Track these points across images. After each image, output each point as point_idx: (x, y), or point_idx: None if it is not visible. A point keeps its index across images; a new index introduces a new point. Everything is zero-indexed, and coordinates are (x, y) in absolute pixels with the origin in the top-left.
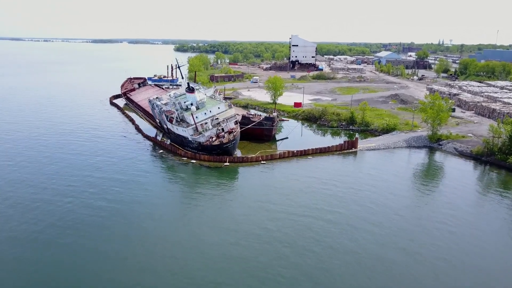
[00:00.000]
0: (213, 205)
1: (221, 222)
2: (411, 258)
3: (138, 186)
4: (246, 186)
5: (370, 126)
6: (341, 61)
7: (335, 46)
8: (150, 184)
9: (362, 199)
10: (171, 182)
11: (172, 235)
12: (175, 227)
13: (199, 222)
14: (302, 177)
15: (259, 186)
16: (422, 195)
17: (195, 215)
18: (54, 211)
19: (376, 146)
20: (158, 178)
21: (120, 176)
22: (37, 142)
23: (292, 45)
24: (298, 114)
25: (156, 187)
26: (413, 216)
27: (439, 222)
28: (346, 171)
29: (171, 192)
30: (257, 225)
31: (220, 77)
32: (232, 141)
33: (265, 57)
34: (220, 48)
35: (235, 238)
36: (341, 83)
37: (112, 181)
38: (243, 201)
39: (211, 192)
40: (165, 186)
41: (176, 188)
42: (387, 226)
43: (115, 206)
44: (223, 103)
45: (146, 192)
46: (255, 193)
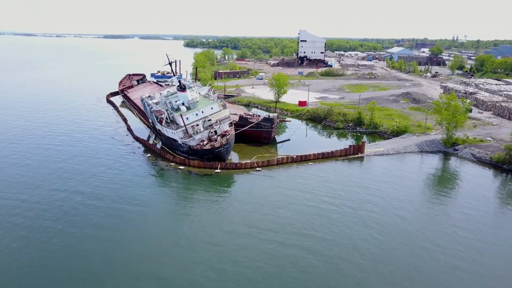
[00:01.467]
0: (191, 228)
1: (200, 252)
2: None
3: (111, 194)
4: (235, 199)
5: (379, 128)
6: (351, 57)
7: (346, 42)
8: (125, 194)
9: (368, 215)
10: (150, 193)
11: (147, 251)
12: (147, 245)
13: (173, 247)
14: (301, 188)
15: (250, 199)
16: (435, 207)
17: (169, 239)
18: (18, 229)
19: (385, 151)
20: (137, 187)
21: (93, 187)
22: (14, 143)
23: (301, 41)
24: (302, 114)
25: (130, 198)
26: (427, 234)
27: (456, 240)
28: (350, 180)
29: (145, 205)
30: (238, 261)
31: (225, 74)
32: (225, 145)
33: (274, 53)
34: (230, 44)
35: (212, 272)
36: (350, 80)
37: (78, 195)
38: (228, 220)
39: (190, 209)
40: (140, 197)
41: (153, 200)
42: (397, 249)
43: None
44: (216, 103)
45: (116, 204)
46: (243, 209)
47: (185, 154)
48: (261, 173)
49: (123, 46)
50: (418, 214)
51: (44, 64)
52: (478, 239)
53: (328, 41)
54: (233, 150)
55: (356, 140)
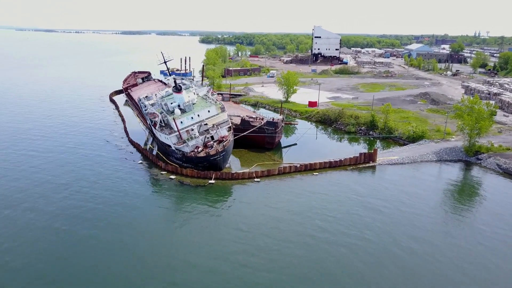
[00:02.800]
0: (170, 249)
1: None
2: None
3: (82, 213)
4: (224, 218)
5: (394, 132)
6: (368, 54)
7: (363, 38)
8: (99, 211)
9: (379, 239)
10: (130, 207)
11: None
12: (126, 265)
13: (152, 270)
14: (296, 208)
15: (243, 217)
16: (456, 226)
17: (148, 261)
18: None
19: (399, 159)
20: (117, 200)
21: (62, 199)
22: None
23: (315, 37)
24: (311, 115)
25: (105, 215)
26: (447, 258)
27: (479, 265)
28: (359, 193)
29: (120, 224)
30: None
31: (235, 71)
32: (221, 152)
33: (288, 49)
34: (245, 40)
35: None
36: (366, 78)
37: (44, 205)
38: (215, 247)
39: (173, 228)
40: (117, 213)
41: (132, 216)
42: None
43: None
44: (214, 105)
45: (87, 227)
46: (230, 233)
47: (180, 161)
48: (260, 185)
49: (140, 42)
50: (437, 241)
51: (55, 60)
52: (504, 260)
53: (344, 38)
54: (233, 155)
55: (368, 145)
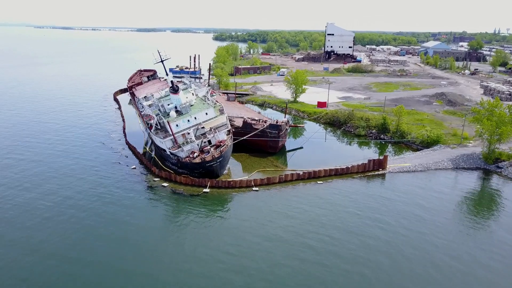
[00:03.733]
0: (152, 268)
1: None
2: None
3: (65, 219)
4: (216, 233)
5: (406, 136)
6: (383, 51)
7: (379, 36)
8: (83, 220)
9: (392, 260)
10: (115, 217)
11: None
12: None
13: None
14: (303, 218)
15: (234, 237)
16: (475, 242)
17: (131, 279)
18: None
19: (412, 166)
20: (103, 210)
21: (45, 208)
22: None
23: (328, 34)
24: (320, 116)
25: (87, 226)
26: (467, 276)
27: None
28: (366, 206)
29: (100, 237)
30: None
31: (244, 69)
32: (218, 158)
33: (301, 47)
34: (258, 37)
35: None
36: (379, 77)
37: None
38: (201, 264)
39: (156, 247)
40: (98, 225)
41: (113, 229)
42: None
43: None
44: (212, 107)
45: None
46: (221, 256)
47: (175, 167)
48: (258, 194)
49: (154, 39)
50: (453, 259)
51: (67, 57)
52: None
53: (359, 35)
54: (234, 160)
55: (379, 150)
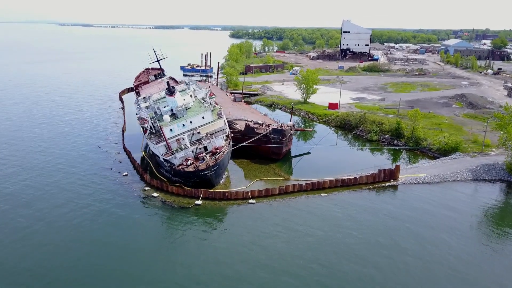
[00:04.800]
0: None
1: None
2: None
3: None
4: (197, 264)
5: (422, 143)
6: (402, 49)
7: (398, 33)
8: (57, 234)
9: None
10: (85, 239)
11: None
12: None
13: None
14: (300, 240)
15: (218, 264)
16: (498, 263)
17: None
18: None
19: (427, 177)
20: (80, 222)
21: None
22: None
23: (343, 32)
24: (330, 119)
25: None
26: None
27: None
28: (374, 224)
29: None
30: None
31: (256, 68)
32: (213, 167)
33: (318, 45)
34: (275, 35)
35: None
36: (396, 76)
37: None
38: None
39: (133, 269)
40: (74, 240)
41: (82, 251)
42: None
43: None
44: (209, 110)
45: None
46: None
47: (169, 174)
48: (254, 208)
49: (172, 36)
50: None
51: (84, 54)
52: None
53: (377, 32)
54: (234, 167)
55: (392, 157)
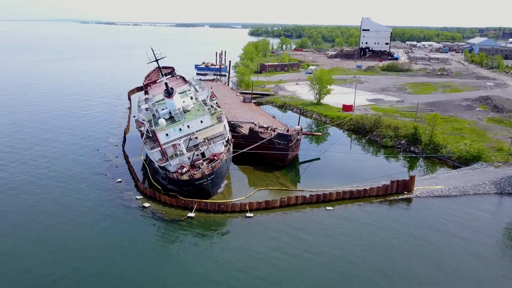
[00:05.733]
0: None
1: None
2: None
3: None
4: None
5: (441, 150)
6: (424, 48)
7: (420, 31)
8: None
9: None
10: (64, 250)
11: None
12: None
13: None
14: (295, 267)
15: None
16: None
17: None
18: None
19: (444, 190)
20: (62, 234)
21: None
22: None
23: (363, 30)
24: (343, 122)
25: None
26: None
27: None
28: (385, 244)
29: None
30: None
31: (270, 67)
32: (209, 175)
33: (337, 43)
34: (294, 33)
35: None
36: (416, 77)
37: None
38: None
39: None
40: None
41: (65, 264)
42: None
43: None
44: (208, 114)
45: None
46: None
47: (165, 182)
48: (251, 223)
49: (192, 34)
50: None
51: (102, 52)
52: None
53: (399, 30)
54: (235, 174)
55: (408, 164)
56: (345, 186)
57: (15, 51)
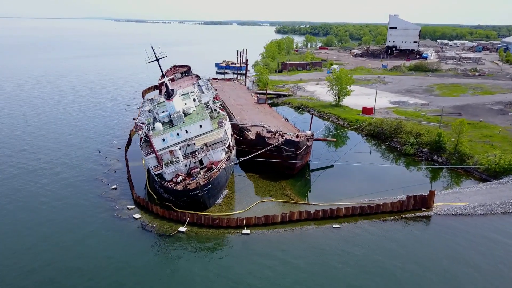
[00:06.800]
0: None
1: None
2: None
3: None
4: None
5: (467, 160)
6: (456, 47)
7: (452, 29)
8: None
9: None
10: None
11: None
12: None
13: None
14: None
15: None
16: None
17: None
18: None
19: (469, 207)
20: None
21: None
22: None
23: (390, 28)
24: (362, 126)
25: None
26: None
27: None
28: (397, 274)
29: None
30: None
31: (292, 65)
32: (205, 186)
33: (364, 41)
34: (321, 30)
35: None
36: (445, 77)
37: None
38: None
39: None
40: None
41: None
42: None
43: None
44: (208, 118)
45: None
46: None
47: (161, 190)
48: (247, 240)
49: (219, 32)
50: None
51: (124, 50)
52: None
53: (429, 28)
54: (237, 182)
55: (431, 174)
56: (357, 199)
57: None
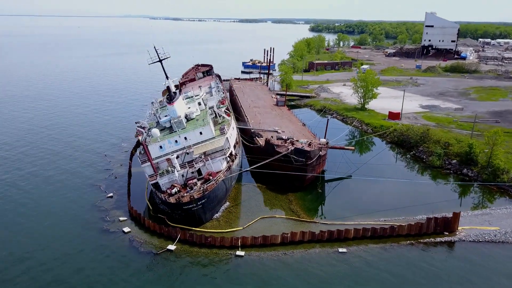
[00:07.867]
0: None
1: None
2: None
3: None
4: None
5: (502, 176)
6: (500, 46)
7: (496, 27)
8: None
9: None
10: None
11: None
12: None
13: None
14: None
15: None
16: None
17: None
18: None
19: (500, 233)
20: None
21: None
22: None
23: (426, 26)
24: (386, 133)
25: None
26: None
27: None
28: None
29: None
30: None
31: (320, 65)
32: (199, 200)
33: (399, 40)
34: (356, 29)
35: None
36: (484, 79)
37: None
38: None
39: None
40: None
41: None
42: None
43: None
44: (209, 125)
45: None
46: None
47: (159, 201)
48: (241, 264)
49: (253, 30)
50: None
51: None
52: None
53: (471, 26)
54: (244, 191)
55: (459, 189)
56: (371, 217)
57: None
